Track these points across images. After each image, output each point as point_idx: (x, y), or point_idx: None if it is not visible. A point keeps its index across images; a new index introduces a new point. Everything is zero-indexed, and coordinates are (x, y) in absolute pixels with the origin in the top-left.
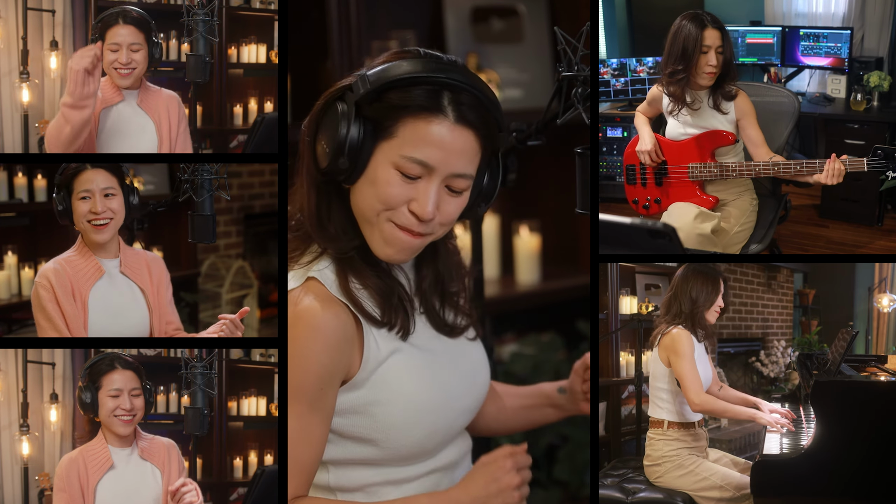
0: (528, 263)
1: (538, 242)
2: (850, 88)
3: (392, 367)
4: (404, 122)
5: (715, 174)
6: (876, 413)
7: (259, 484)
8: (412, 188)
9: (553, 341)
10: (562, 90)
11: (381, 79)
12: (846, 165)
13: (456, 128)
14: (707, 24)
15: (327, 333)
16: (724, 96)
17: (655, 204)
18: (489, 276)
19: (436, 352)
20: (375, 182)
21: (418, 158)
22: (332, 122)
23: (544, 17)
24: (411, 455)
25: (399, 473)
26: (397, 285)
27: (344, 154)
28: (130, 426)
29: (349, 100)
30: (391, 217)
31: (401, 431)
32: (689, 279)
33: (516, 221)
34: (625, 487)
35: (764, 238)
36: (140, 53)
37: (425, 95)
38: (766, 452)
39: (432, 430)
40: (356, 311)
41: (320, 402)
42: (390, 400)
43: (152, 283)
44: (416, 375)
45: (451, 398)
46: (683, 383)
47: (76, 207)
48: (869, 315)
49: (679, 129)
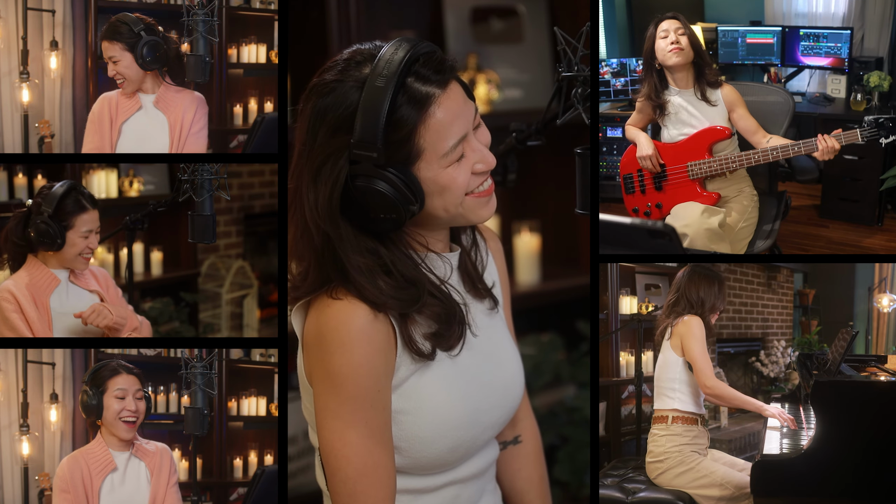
0: (528, 263)
1: (538, 242)
2: (850, 88)
3: (423, 377)
4: (418, 134)
5: (715, 168)
6: (876, 413)
7: (259, 484)
8: (466, 163)
9: (553, 341)
10: (562, 90)
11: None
12: (841, 140)
13: (448, 92)
14: (664, 18)
15: (370, 332)
16: (710, 84)
17: (657, 209)
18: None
19: (471, 361)
20: (444, 190)
21: (454, 143)
22: (375, 193)
23: (544, 18)
24: (431, 466)
25: (417, 483)
26: (457, 305)
27: (414, 202)
28: (133, 430)
29: (367, 168)
30: (469, 189)
31: (424, 443)
32: (695, 280)
33: (516, 221)
34: (625, 487)
35: (770, 234)
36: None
37: (415, 98)
38: (766, 452)
39: (456, 444)
40: (410, 350)
41: (378, 414)
42: (418, 410)
43: (102, 287)
44: (447, 388)
45: (481, 412)
46: (696, 366)
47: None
48: (869, 315)
49: (675, 131)
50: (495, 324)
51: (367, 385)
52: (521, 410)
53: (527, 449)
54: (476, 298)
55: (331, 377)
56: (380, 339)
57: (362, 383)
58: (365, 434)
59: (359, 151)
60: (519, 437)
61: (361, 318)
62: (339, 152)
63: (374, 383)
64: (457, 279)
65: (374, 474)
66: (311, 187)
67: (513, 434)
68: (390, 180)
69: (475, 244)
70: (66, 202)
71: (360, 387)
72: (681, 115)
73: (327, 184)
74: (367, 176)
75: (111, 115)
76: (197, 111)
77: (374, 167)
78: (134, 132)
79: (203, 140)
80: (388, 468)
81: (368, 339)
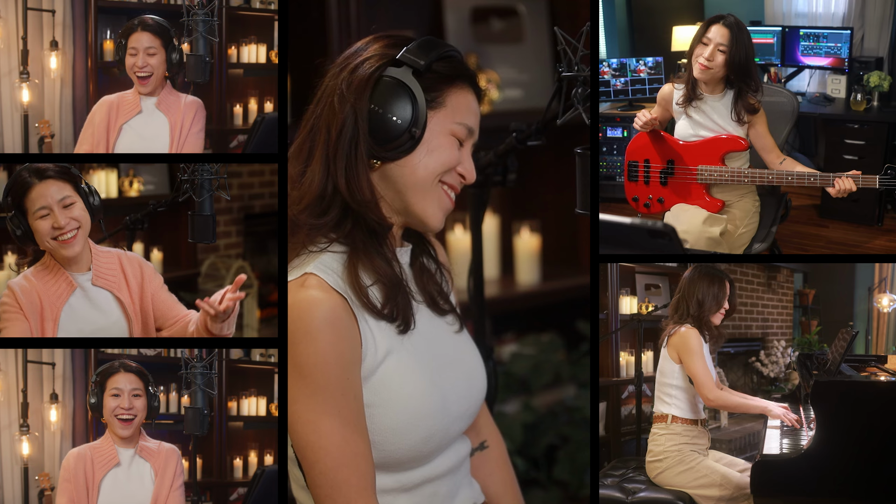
0: (528, 263)
1: (538, 242)
2: (850, 88)
3: (389, 369)
4: (449, 92)
5: (726, 179)
6: (876, 413)
7: (259, 484)
8: (458, 153)
9: (553, 341)
10: (562, 90)
11: (433, 50)
12: (858, 183)
13: (473, 94)
14: (720, 21)
15: (334, 320)
16: (747, 109)
17: (658, 203)
18: (489, 276)
19: (432, 354)
20: (437, 149)
21: (468, 125)
22: (395, 94)
23: (544, 17)
24: (407, 459)
25: (394, 481)
26: (403, 276)
27: (419, 125)
28: (129, 428)
29: (405, 72)
30: (445, 178)
31: (397, 434)
32: (696, 282)
33: (516, 221)
34: (625, 487)
35: (766, 237)
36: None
37: (462, 66)
38: (766, 452)
39: (429, 434)
40: (358, 302)
41: (349, 402)
42: (388, 402)
43: (129, 287)
44: (413, 379)
45: (449, 401)
46: (697, 380)
47: (37, 227)
48: (869, 315)
49: (690, 130)
50: (450, 321)
51: (335, 373)
52: (481, 418)
53: (495, 454)
54: (429, 306)
55: (298, 368)
56: (343, 327)
57: (331, 371)
58: (339, 424)
59: (408, 55)
60: (485, 443)
61: (324, 306)
62: (387, 55)
63: (342, 371)
64: (409, 274)
65: (353, 463)
66: (348, 77)
67: (478, 440)
68: (417, 92)
69: (438, 268)
70: (13, 187)
71: (330, 375)
72: (702, 119)
73: (369, 68)
74: (411, 81)
75: (109, 120)
76: (196, 113)
77: (413, 74)
78: (135, 132)
79: (200, 141)
80: (366, 456)
81: (332, 327)
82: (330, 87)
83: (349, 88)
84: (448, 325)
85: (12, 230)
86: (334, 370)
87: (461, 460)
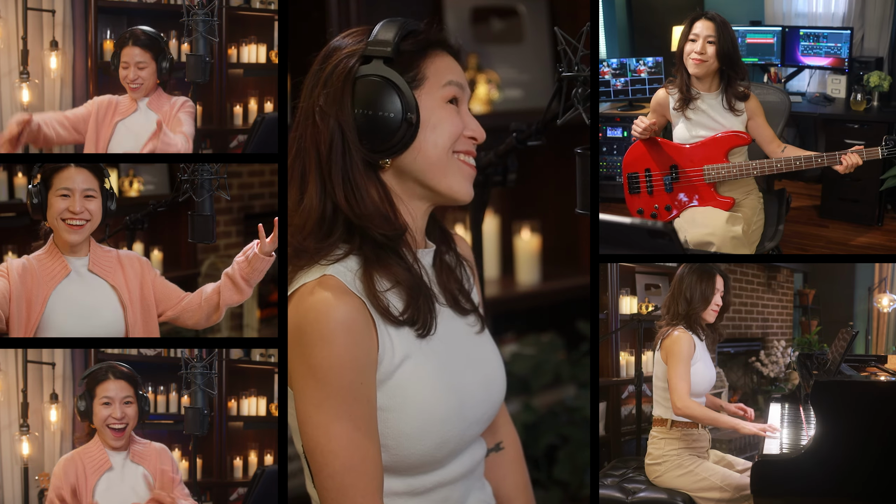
0: (528, 263)
1: (538, 242)
2: (850, 88)
3: (406, 373)
4: (425, 64)
5: (734, 174)
6: (876, 413)
7: (259, 484)
8: (460, 119)
9: (553, 341)
10: (562, 90)
11: (395, 32)
12: (863, 156)
13: (448, 55)
14: (701, 16)
15: (351, 324)
16: (737, 96)
17: (665, 211)
18: (489, 276)
19: (451, 358)
20: (438, 123)
21: (455, 80)
22: (376, 90)
23: (544, 18)
24: (420, 464)
25: (406, 485)
26: (424, 279)
27: (412, 109)
28: (121, 439)
29: (377, 65)
30: (457, 147)
31: (411, 440)
32: (684, 279)
33: (516, 221)
34: (625, 487)
35: (775, 235)
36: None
37: (427, 35)
38: (765, 452)
39: (443, 439)
40: (375, 308)
41: (361, 406)
42: (403, 407)
43: (126, 278)
44: (430, 383)
45: (466, 407)
46: (670, 384)
47: (53, 203)
48: (869, 315)
49: (688, 132)
50: (472, 321)
51: (350, 378)
52: (500, 418)
53: (510, 455)
54: (451, 307)
55: (313, 371)
56: (360, 331)
57: (346, 376)
58: (350, 428)
59: (374, 48)
60: (501, 444)
61: (341, 309)
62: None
63: (357, 376)
64: (432, 275)
65: (362, 467)
66: (322, 91)
67: (494, 441)
68: (397, 80)
69: (459, 263)
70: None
71: (344, 379)
72: (700, 118)
73: (341, 75)
74: (387, 72)
75: (108, 111)
76: (185, 103)
77: (385, 63)
78: (128, 130)
79: (182, 121)
80: (375, 460)
81: (349, 330)
82: (307, 107)
83: (327, 102)
84: (469, 327)
85: (30, 197)
86: (349, 375)
87: (475, 464)
